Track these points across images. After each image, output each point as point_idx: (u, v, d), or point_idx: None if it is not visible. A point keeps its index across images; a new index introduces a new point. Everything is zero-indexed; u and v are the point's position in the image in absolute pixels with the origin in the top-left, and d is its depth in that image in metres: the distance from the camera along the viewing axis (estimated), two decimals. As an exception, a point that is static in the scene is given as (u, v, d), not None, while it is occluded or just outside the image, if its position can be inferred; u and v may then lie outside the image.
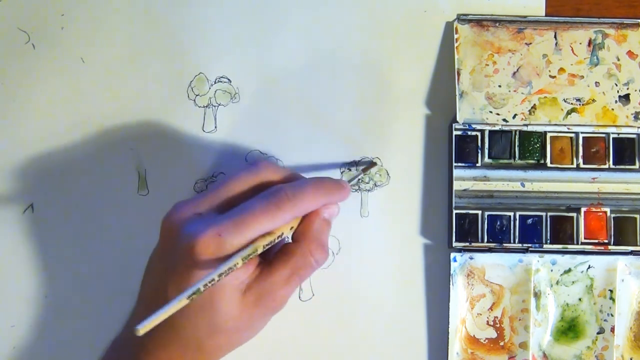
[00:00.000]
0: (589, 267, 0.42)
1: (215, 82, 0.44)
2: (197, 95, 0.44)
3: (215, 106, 0.44)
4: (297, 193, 0.35)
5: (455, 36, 0.43)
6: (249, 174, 0.37)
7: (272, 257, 0.36)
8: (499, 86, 0.43)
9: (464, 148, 0.43)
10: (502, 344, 0.43)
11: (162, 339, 0.35)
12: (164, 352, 0.35)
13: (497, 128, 0.43)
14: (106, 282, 0.43)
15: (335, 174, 0.43)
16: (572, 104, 0.43)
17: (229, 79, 0.44)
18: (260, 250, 0.34)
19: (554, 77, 0.43)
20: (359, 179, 0.43)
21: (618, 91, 0.43)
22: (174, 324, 0.34)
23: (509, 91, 0.43)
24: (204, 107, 0.44)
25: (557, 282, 0.43)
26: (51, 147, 0.43)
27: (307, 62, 0.44)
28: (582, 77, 0.43)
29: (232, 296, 0.34)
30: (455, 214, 0.42)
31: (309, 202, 0.36)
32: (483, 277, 0.43)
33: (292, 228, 0.37)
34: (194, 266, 0.33)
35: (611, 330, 0.42)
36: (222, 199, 0.36)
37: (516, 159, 0.43)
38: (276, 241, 0.35)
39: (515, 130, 0.43)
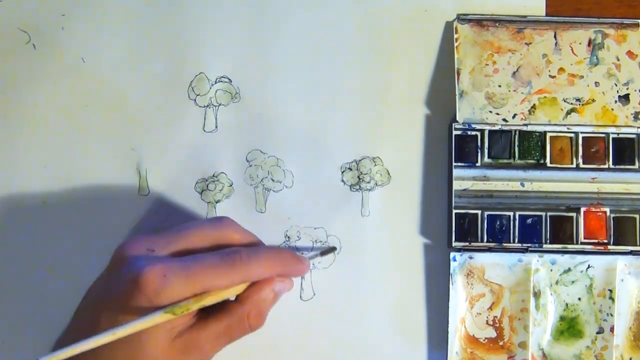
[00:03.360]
0: (589, 267, 0.42)
1: (215, 82, 0.44)
2: (197, 95, 0.44)
3: (215, 106, 0.44)
4: (252, 257, 0.35)
5: (455, 36, 0.43)
6: (212, 229, 0.37)
7: (211, 311, 0.36)
8: (499, 86, 0.43)
9: (464, 148, 0.43)
10: (501, 343, 0.43)
11: None
12: None
13: (496, 128, 0.43)
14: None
15: (335, 174, 0.44)
16: (571, 104, 0.43)
17: (229, 79, 0.44)
18: (195, 308, 0.34)
19: (553, 77, 0.43)
20: (319, 253, 0.41)
21: (618, 91, 0.43)
22: (97, 354, 0.33)
23: (509, 91, 0.43)
24: (204, 106, 0.44)
25: (557, 282, 0.43)
26: (51, 147, 0.43)
27: (307, 62, 0.44)
28: (582, 77, 0.43)
29: (161, 339, 0.34)
30: (455, 213, 0.42)
31: (263, 269, 0.35)
32: (483, 277, 0.43)
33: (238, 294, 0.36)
34: (131, 300, 0.33)
35: (610, 330, 0.42)
36: (178, 245, 0.36)
37: (516, 159, 0.43)
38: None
39: (515, 130, 0.43)
